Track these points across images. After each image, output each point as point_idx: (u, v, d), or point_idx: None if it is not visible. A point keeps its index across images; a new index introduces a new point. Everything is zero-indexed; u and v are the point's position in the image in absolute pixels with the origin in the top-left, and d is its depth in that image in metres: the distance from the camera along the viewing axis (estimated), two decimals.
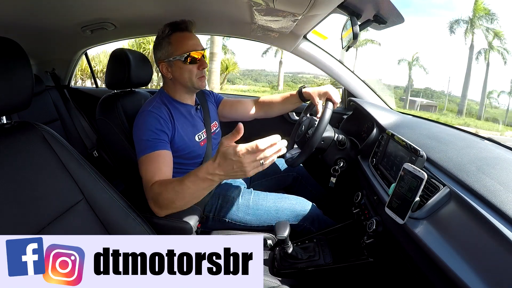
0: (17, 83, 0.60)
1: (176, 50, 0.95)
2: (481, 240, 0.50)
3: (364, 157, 1.05)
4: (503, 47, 19.43)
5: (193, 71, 0.97)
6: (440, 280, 0.55)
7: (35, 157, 0.63)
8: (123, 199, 0.73)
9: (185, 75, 0.97)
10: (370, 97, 1.43)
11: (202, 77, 1.00)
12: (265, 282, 0.84)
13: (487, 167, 0.64)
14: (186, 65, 0.95)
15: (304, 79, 27.66)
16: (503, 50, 19.51)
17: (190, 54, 0.94)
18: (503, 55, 19.56)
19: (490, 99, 22.47)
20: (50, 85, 1.88)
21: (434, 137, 0.85)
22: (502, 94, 21.89)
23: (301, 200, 1.08)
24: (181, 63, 0.95)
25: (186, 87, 1.00)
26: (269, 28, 1.26)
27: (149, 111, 0.92)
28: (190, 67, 0.96)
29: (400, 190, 0.66)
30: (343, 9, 0.94)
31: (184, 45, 0.94)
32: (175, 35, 0.95)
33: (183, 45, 0.94)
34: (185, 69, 0.96)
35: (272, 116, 1.25)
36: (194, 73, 0.97)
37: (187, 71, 0.96)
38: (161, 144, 0.89)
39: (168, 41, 0.95)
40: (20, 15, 1.15)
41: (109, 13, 1.30)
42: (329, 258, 0.95)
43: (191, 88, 1.00)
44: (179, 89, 1.01)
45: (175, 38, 0.95)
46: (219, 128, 1.16)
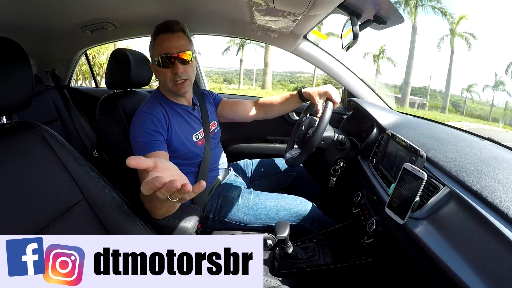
0: (17, 83, 0.60)
1: (154, 52, 0.95)
2: (481, 240, 0.50)
3: (364, 157, 1.05)
4: (469, 32, 18.39)
5: (167, 75, 0.94)
6: (440, 280, 0.55)
7: (35, 157, 0.63)
8: (123, 199, 0.73)
9: (160, 78, 0.97)
10: (370, 97, 1.43)
11: (177, 82, 0.94)
12: (265, 282, 0.84)
13: (487, 167, 0.64)
14: (160, 69, 0.94)
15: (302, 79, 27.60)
16: (468, 35, 18.52)
17: (161, 57, 0.92)
18: (468, 41, 18.63)
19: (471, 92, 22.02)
20: (50, 85, 1.88)
21: (434, 137, 0.85)
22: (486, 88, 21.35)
23: (301, 200, 1.08)
24: (156, 66, 0.95)
25: (167, 90, 0.99)
26: (269, 28, 1.26)
27: (143, 112, 0.93)
28: (164, 70, 0.94)
29: (400, 190, 0.66)
30: (343, 9, 0.94)
31: (159, 47, 0.93)
32: (158, 37, 0.94)
33: (159, 47, 0.93)
34: (160, 72, 0.95)
35: (272, 117, 1.25)
36: (168, 77, 0.94)
37: (162, 74, 0.95)
38: (156, 145, 0.89)
39: (152, 43, 0.95)
40: (20, 15, 1.15)
41: (109, 13, 1.30)
42: (329, 258, 0.95)
43: (170, 91, 0.98)
44: (165, 90, 1.01)
45: (157, 40, 0.94)
46: (219, 128, 1.16)
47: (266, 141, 1.71)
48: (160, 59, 0.92)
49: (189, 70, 0.95)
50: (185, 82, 0.95)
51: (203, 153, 1.03)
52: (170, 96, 1.01)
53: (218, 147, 1.16)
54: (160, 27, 0.93)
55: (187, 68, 0.94)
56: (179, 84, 0.95)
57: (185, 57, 0.93)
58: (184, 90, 0.96)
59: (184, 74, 0.94)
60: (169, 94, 1.01)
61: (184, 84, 0.95)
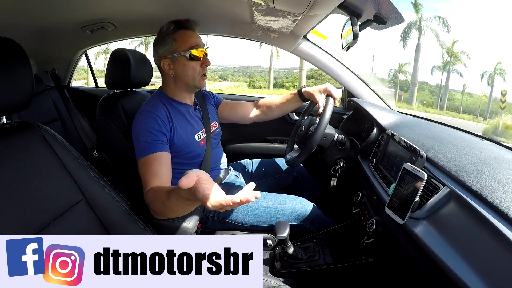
0: (17, 83, 0.60)
1: (180, 46, 0.95)
2: (481, 240, 0.50)
3: (364, 157, 1.05)
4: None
5: (196, 69, 0.97)
6: (440, 280, 0.55)
7: (35, 157, 0.63)
8: (123, 199, 0.73)
9: (188, 72, 0.97)
10: (370, 97, 1.43)
11: (204, 75, 1.00)
12: (265, 282, 0.84)
13: (487, 167, 0.64)
14: (189, 62, 0.96)
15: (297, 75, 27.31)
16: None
17: (194, 51, 0.95)
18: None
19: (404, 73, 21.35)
20: (50, 85, 1.88)
21: (434, 137, 0.85)
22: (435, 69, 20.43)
23: (301, 200, 1.08)
24: (185, 59, 0.95)
25: (187, 85, 1.00)
26: (269, 28, 1.26)
27: (147, 111, 0.92)
28: (194, 64, 0.96)
29: (400, 190, 0.66)
30: (343, 9, 0.94)
31: (189, 41, 0.95)
32: (180, 32, 0.96)
33: (188, 41, 0.95)
34: (189, 66, 0.96)
35: (272, 118, 1.24)
36: (197, 70, 0.98)
37: (191, 68, 0.97)
38: (159, 146, 0.89)
39: (173, 38, 0.95)
40: (21, 15, 1.15)
41: (109, 13, 1.30)
42: (329, 258, 0.95)
43: (192, 86, 1.01)
44: (179, 87, 1.01)
45: (180, 35, 0.95)
46: (219, 128, 1.16)
47: (266, 141, 1.71)
48: (192, 52, 0.95)
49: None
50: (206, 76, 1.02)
51: (204, 153, 1.03)
52: (175, 95, 1.01)
53: (219, 147, 1.16)
54: (183, 23, 0.97)
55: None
56: (205, 77, 1.01)
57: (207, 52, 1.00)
58: (205, 84, 1.03)
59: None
60: (182, 90, 1.02)
61: (206, 77, 1.02)
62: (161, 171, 0.86)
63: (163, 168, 0.87)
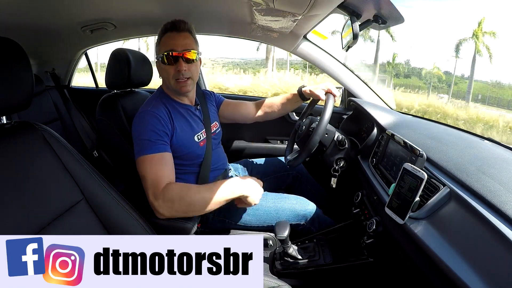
0: (17, 83, 0.60)
1: (160, 49, 0.95)
2: (481, 240, 0.50)
3: (364, 157, 1.05)
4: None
5: (169, 72, 0.94)
6: (440, 280, 0.55)
7: (35, 157, 0.63)
8: (123, 199, 0.73)
9: (163, 76, 0.97)
10: (370, 97, 1.43)
11: (179, 80, 0.94)
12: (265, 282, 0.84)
13: (487, 167, 0.64)
14: (163, 65, 0.94)
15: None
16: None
17: (166, 54, 0.92)
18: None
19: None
20: (50, 85, 1.88)
21: (434, 137, 0.85)
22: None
23: (301, 199, 1.08)
24: (159, 62, 0.95)
25: (169, 88, 0.99)
26: (269, 28, 1.26)
27: (149, 111, 0.92)
28: (167, 67, 0.94)
29: (400, 190, 0.66)
30: (343, 9, 0.94)
31: (165, 45, 0.93)
32: (165, 35, 0.95)
33: (164, 45, 0.94)
34: (163, 69, 0.95)
35: (273, 117, 1.25)
36: (170, 74, 0.94)
37: (164, 71, 0.95)
38: (164, 146, 0.89)
39: (159, 41, 0.96)
40: (20, 15, 1.15)
41: (109, 13, 1.30)
42: (329, 258, 0.95)
43: (172, 90, 0.98)
44: (168, 89, 1.01)
45: (165, 37, 0.94)
46: (220, 129, 1.16)
47: (266, 141, 1.71)
48: (165, 56, 0.92)
49: (193, 69, 0.95)
50: (188, 81, 0.95)
51: (204, 154, 1.03)
52: (173, 95, 1.01)
53: (219, 147, 1.16)
54: (167, 26, 0.94)
55: (191, 67, 0.94)
56: (181, 82, 0.94)
57: (190, 56, 0.93)
58: (186, 89, 0.96)
59: (187, 72, 0.94)
60: (171, 92, 1.01)
61: (186, 83, 0.95)
62: (170, 170, 0.88)
63: (171, 168, 0.89)
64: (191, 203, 0.83)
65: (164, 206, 0.82)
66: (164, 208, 0.82)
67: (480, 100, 21.23)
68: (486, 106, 18.37)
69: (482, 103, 20.29)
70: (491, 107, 18.40)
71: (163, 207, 0.82)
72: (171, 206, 0.82)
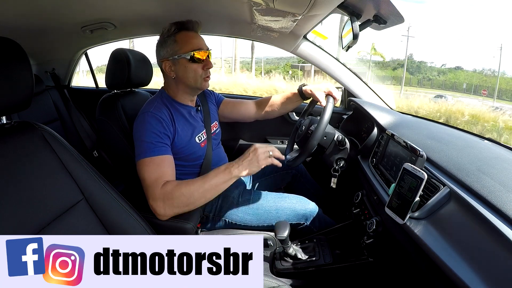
0: (17, 83, 0.60)
1: (181, 48, 0.94)
2: (481, 240, 0.50)
3: (364, 157, 1.05)
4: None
5: (198, 71, 0.95)
6: (440, 280, 0.55)
7: (35, 157, 0.63)
8: (123, 199, 0.73)
9: (189, 74, 0.96)
10: (370, 97, 1.43)
11: (207, 77, 0.98)
12: (265, 282, 0.84)
13: (487, 167, 0.64)
14: (191, 64, 0.94)
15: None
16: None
17: (195, 53, 0.93)
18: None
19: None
20: (50, 85, 1.88)
21: (434, 137, 0.85)
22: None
23: (301, 199, 1.08)
24: (186, 61, 0.94)
25: (189, 87, 0.99)
26: (269, 28, 1.26)
27: (151, 113, 0.92)
28: (195, 66, 0.95)
29: (400, 190, 0.66)
30: (343, 9, 0.94)
31: (190, 43, 0.94)
32: (181, 34, 0.94)
33: (189, 43, 0.94)
34: (190, 68, 0.95)
35: (273, 116, 1.25)
36: (199, 73, 0.96)
37: (192, 70, 0.95)
38: (165, 149, 0.89)
39: (174, 39, 0.94)
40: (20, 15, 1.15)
41: (109, 13, 1.30)
42: (329, 258, 0.95)
43: (194, 88, 0.99)
44: (181, 89, 1.00)
45: (181, 36, 0.94)
46: (219, 128, 1.16)
47: (266, 142, 1.71)
48: (194, 54, 0.93)
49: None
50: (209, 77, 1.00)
51: (205, 154, 1.03)
52: (177, 96, 1.00)
53: (219, 147, 1.16)
54: (185, 24, 0.95)
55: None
56: (207, 79, 0.99)
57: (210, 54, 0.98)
58: (208, 85, 1.01)
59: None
60: (184, 92, 1.00)
61: (209, 79, 1.00)
62: (171, 172, 0.88)
63: (172, 170, 0.89)
64: (189, 195, 0.82)
65: (163, 205, 0.82)
66: (165, 208, 0.82)
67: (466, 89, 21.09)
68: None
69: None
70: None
71: (163, 207, 0.82)
72: (171, 203, 0.82)
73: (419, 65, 25.52)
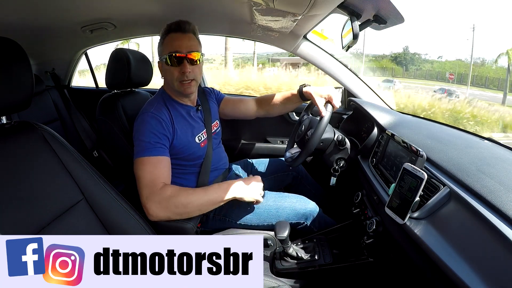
0: (17, 83, 0.60)
1: (163, 50, 0.94)
2: (481, 240, 0.50)
3: (364, 157, 1.05)
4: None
5: (174, 74, 0.93)
6: (440, 280, 0.55)
7: (35, 157, 0.63)
8: (123, 199, 0.73)
9: (167, 77, 0.96)
10: (370, 97, 1.43)
11: (183, 81, 0.93)
12: (265, 282, 0.84)
13: (487, 167, 0.64)
14: (167, 67, 0.94)
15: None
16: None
17: (171, 56, 0.91)
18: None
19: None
20: (50, 85, 1.88)
21: (434, 137, 0.85)
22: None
23: (302, 198, 1.08)
24: (164, 64, 0.94)
25: (173, 89, 0.98)
26: (269, 28, 1.26)
27: (151, 113, 0.92)
28: (171, 69, 0.93)
29: (400, 190, 0.66)
30: (343, 9, 0.94)
31: (170, 46, 0.92)
32: (168, 36, 0.94)
33: (169, 45, 0.93)
34: (168, 70, 0.94)
35: (273, 115, 1.25)
36: (175, 76, 0.93)
37: (169, 73, 0.94)
38: (163, 150, 0.90)
39: (162, 41, 0.95)
40: (20, 15, 1.15)
41: (109, 13, 1.30)
42: (329, 258, 0.94)
43: (176, 91, 0.98)
44: (170, 90, 1.00)
45: (168, 38, 0.94)
46: (220, 128, 1.16)
47: (266, 142, 1.71)
48: (169, 57, 0.92)
49: (197, 71, 0.95)
50: (192, 83, 0.95)
51: (205, 154, 1.03)
52: (175, 96, 1.00)
53: (220, 147, 1.16)
54: (172, 26, 0.94)
55: (194, 69, 0.94)
56: (185, 84, 0.94)
57: (194, 57, 0.93)
58: (190, 91, 0.96)
59: (191, 74, 0.93)
60: (174, 93, 1.00)
61: (190, 84, 0.95)
62: (167, 173, 0.89)
63: (168, 171, 0.90)
64: (186, 205, 0.83)
65: (157, 207, 0.82)
66: (157, 209, 0.82)
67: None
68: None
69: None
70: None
71: (156, 208, 0.82)
72: (166, 208, 0.82)
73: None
